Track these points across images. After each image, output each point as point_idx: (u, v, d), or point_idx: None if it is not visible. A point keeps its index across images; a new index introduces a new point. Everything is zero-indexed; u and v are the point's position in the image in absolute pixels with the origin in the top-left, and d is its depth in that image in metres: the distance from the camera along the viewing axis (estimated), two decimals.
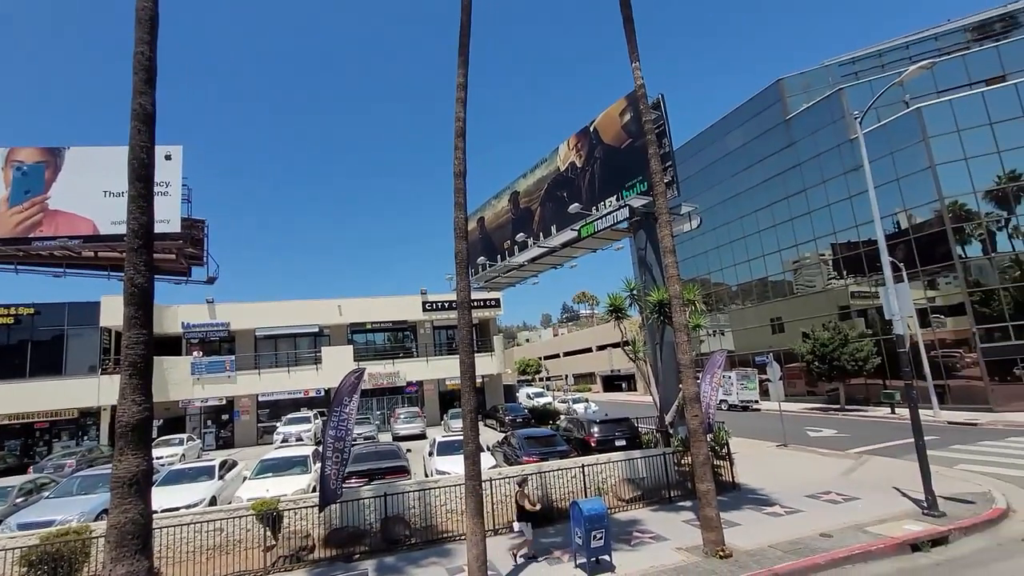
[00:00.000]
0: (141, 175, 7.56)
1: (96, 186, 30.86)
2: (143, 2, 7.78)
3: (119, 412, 7.08)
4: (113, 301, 26.97)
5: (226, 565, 9.73)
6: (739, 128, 42.77)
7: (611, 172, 21.00)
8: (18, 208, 30.45)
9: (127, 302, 7.24)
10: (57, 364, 27.21)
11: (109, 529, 6.68)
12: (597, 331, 75.14)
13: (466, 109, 9.77)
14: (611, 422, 17.04)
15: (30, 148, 31.50)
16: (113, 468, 6.90)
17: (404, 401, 34.02)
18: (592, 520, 8.55)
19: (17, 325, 27.07)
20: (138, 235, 7.38)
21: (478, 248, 32.77)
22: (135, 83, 7.67)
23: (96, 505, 11.60)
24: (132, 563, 6.58)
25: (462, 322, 9.08)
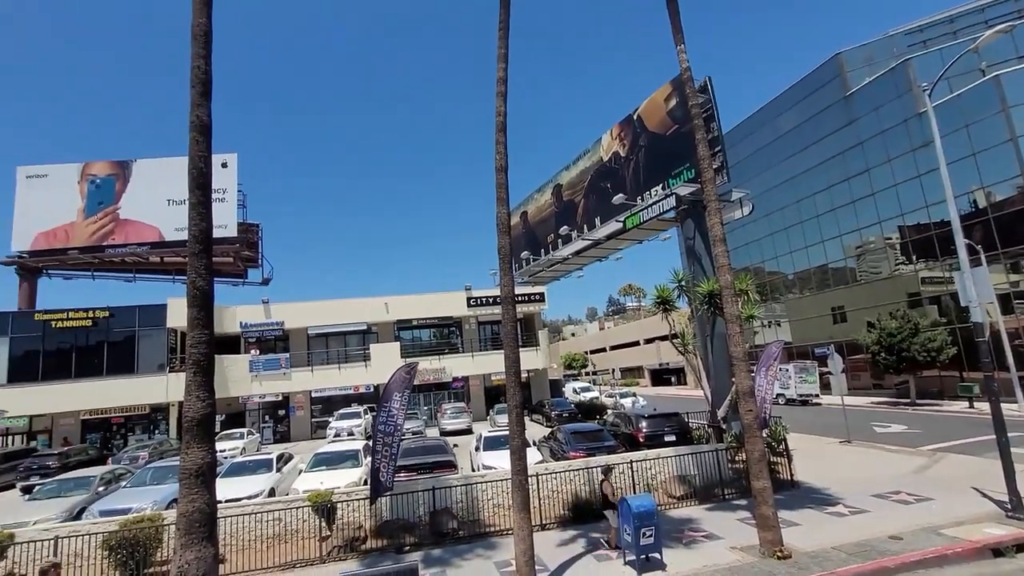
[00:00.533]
0: (200, 183, 7.94)
1: (161, 195, 33.11)
2: (198, 19, 8.15)
3: (185, 408, 7.50)
4: (178, 303, 28.81)
5: (285, 553, 10.18)
6: (793, 108, 40.57)
7: (656, 160, 20.42)
8: (93, 219, 33.09)
9: (190, 304, 7.65)
10: (130, 363, 29.32)
11: (179, 517, 7.10)
12: (644, 324, 73.63)
13: (507, 103, 9.70)
14: (660, 417, 16.62)
15: (102, 162, 34.10)
16: (181, 460, 7.33)
17: (450, 396, 34.55)
18: (641, 517, 8.36)
19: (94, 327, 29.35)
20: (198, 240, 7.76)
21: (521, 243, 32.78)
22: (192, 96, 8.05)
23: (167, 494, 12.40)
24: (200, 549, 6.97)
25: (506, 317, 9.06)
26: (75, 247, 32.39)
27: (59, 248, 32.39)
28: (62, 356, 28.81)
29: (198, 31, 8.13)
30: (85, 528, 10.41)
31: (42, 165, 33.41)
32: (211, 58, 8.23)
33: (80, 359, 28.87)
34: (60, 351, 28.87)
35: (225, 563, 9.58)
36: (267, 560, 9.98)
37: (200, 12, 8.18)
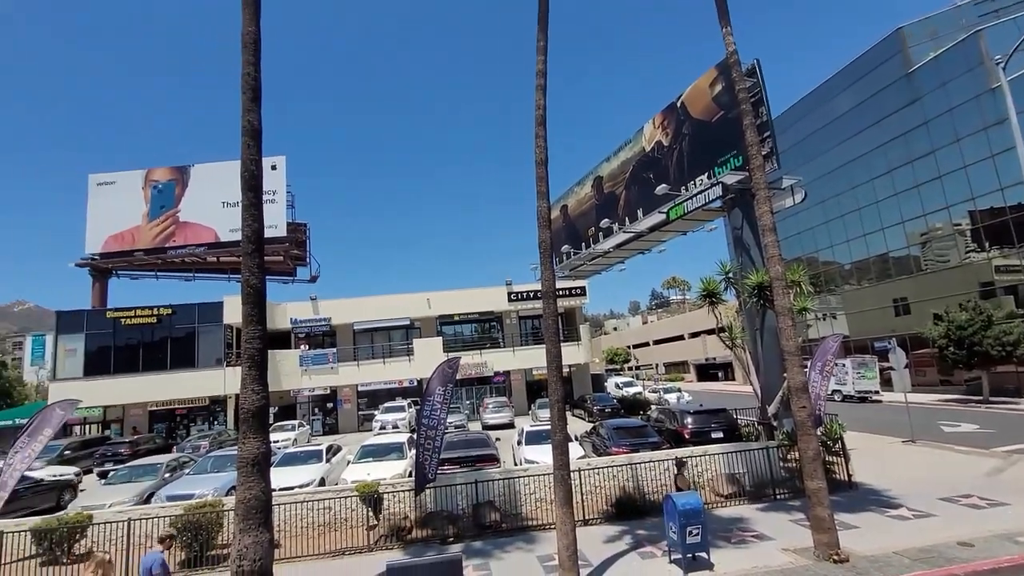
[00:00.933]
0: (252, 185, 8.28)
1: (216, 198, 34.82)
2: (247, 28, 8.46)
3: (241, 400, 7.87)
4: (234, 301, 30.28)
5: (335, 541, 10.55)
6: (849, 88, 38.30)
7: (701, 148, 19.77)
8: (156, 222, 35.21)
9: (244, 301, 8.01)
10: (191, 357, 31.12)
11: (237, 504, 7.47)
12: (689, 317, 71.80)
13: (546, 96, 9.61)
14: (707, 413, 16.15)
15: (163, 168, 36.15)
16: (238, 450, 7.70)
17: (492, 391, 34.80)
18: (687, 515, 8.15)
19: (158, 324, 31.30)
20: (251, 240, 8.10)
21: (562, 236, 32.52)
22: (243, 102, 8.38)
23: (226, 482, 13.09)
24: (256, 534, 7.32)
25: (547, 311, 9.01)
26: (140, 249, 34.59)
27: (126, 250, 34.66)
28: (131, 351, 30.89)
29: (248, 39, 8.44)
30: (154, 511, 11.15)
31: (110, 173, 35.77)
32: (260, 65, 8.54)
33: (146, 354, 30.88)
34: (129, 346, 30.95)
35: (280, 548, 10.02)
36: (318, 547, 10.37)
37: (249, 21, 8.49)
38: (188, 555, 10.11)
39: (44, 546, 10.53)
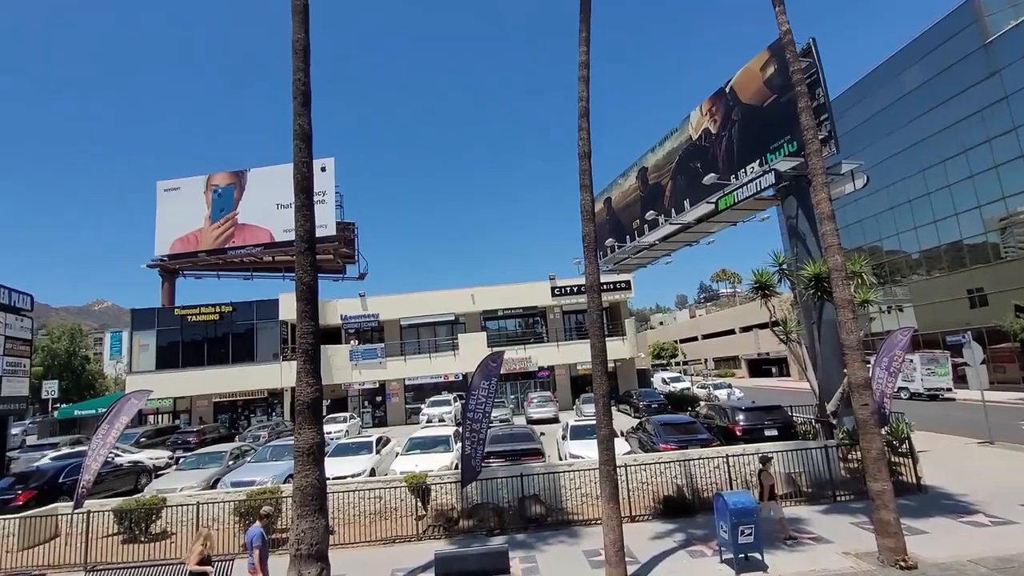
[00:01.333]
0: (303, 187, 8.63)
1: (271, 200, 36.45)
2: (297, 35, 8.80)
3: (296, 392, 8.24)
4: (288, 298, 31.65)
5: (385, 529, 10.89)
6: (918, 64, 35.66)
7: (752, 134, 18.98)
8: (217, 224, 37.27)
9: (298, 298, 8.38)
10: (250, 352, 32.81)
11: (294, 491, 7.84)
12: (740, 311, 69.22)
13: (589, 88, 9.47)
14: (760, 410, 15.56)
15: (223, 173, 38.19)
16: (295, 440, 8.07)
17: (536, 386, 34.84)
18: (739, 514, 7.89)
19: (220, 321, 33.16)
20: (304, 240, 8.46)
21: (606, 230, 32.08)
22: (294, 106, 8.73)
23: (284, 470, 13.73)
24: (313, 520, 7.67)
25: (592, 305, 8.91)
26: (203, 250, 36.74)
27: (191, 251, 36.91)
28: (196, 346, 32.88)
29: (297, 46, 8.78)
30: (220, 496, 11.87)
31: (175, 179, 38.11)
32: (310, 71, 8.86)
33: (210, 349, 32.79)
34: (194, 342, 32.95)
35: (334, 535, 10.42)
36: (370, 534, 10.73)
37: (298, 29, 8.82)
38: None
39: (125, 525, 11.41)
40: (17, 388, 17.19)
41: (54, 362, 63.23)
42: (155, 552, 10.78)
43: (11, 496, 13.35)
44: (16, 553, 11.15)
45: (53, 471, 14.75)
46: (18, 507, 12.85)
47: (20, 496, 13.35)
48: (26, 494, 13.43)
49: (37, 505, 12.91)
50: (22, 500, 13.22)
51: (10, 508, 12.79)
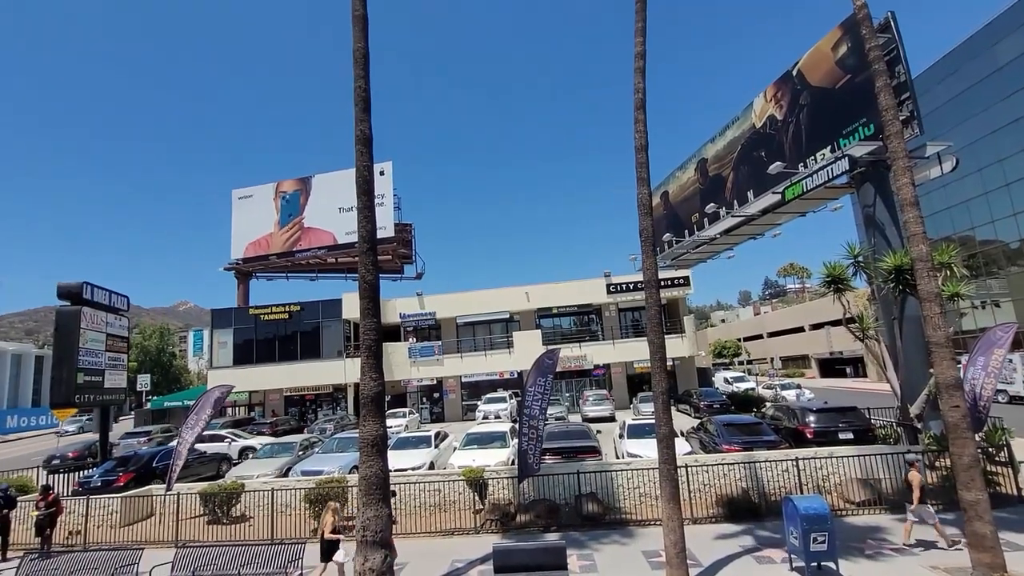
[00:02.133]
0: (365, 189, 8.99)
1: (334, 204, 38.20)
2: (357, 44, 9.17)
3: (361, 387, 8.60)
4: (351, 297, 33.08)
5: (444, 521, 11.15)
6: (1015, 33, 32.20)
7: (823, 119, 17.87)
8: (285, 228, 39.53)
9: (361, 296, 8.74)
10: (316, 349, 34.55)
11: (360, 480, 8.19)
12: (810, 307, 65.30)
13: (645, 79, 9.25)
14: (833, 411, 14.61)
15: (290, 180, 40.41)
16: (359, 432, 8.43)
17: (592, 384, 34.45)
18: (810, 520, 7.47)
19: (289, 319, 35.14)
20: (366, 240, 8.82)
21: (663, 225, 31.21)
22: (356, 112, 9.10)
23: (349, 461, 14.37)
24: (377, 509, 7.98)
25: (650, 302, 8.71)
26: (273, 253, 39.10)
27: (262, 255, 39.38)
28: (268, 343, 35.02)
29: (358, 55, 9.14)
30: (292, 484, 12.60)
31: (248, 187, 40.74)
32: (370, 78, 9.21)
33: (281, 346, 34.84)
34: (267, 339, 35.10)
35: (396, 524, 10.78)
36: (430, 525, 11.04)
37: (358, 38, 9.19)
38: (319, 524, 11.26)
39: (209, 507, 12.36)
40: (117, 381, 18.99)
41: (146, 358, 69.47)
42: (235, 533, 11.60)
43: (114, 477, 14.81)
44: (118, 528, 12.36)
45: (148, 456, 16.21)
46: (119, 487, 14.24)
47: (121, 478, 14.78)
48: (126, 476, 14.87)
49: (135, 486, 14.25)
50: (123, 481, 14.63)
51: (113, 488, 14.20)
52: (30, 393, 72.72)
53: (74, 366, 16.70)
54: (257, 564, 8.42)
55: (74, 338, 16.90)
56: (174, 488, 12.53)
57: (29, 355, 74.82)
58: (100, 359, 17.92)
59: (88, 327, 17.43)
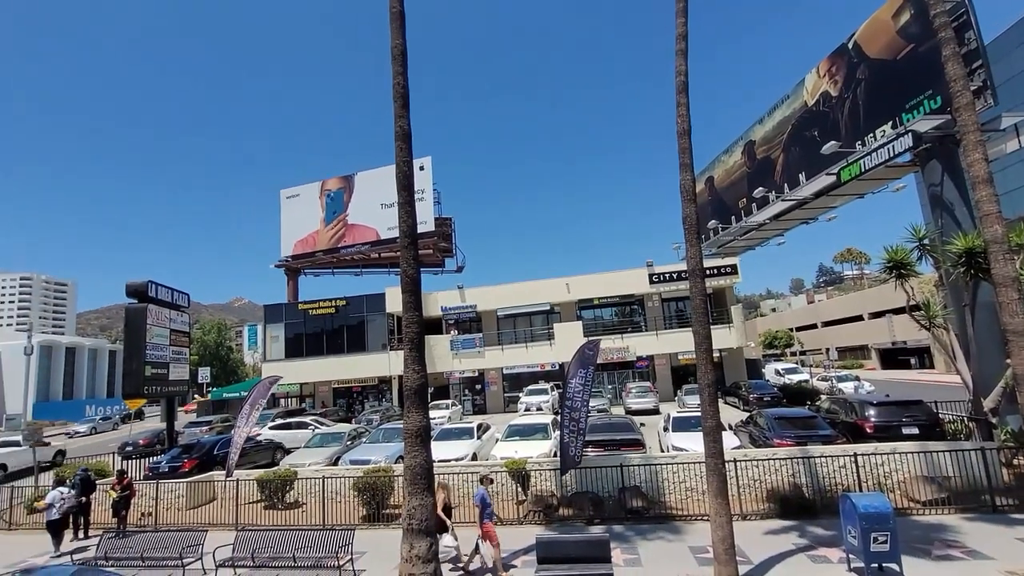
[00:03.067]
0: (404, 185, 9.11)
1: (376, 200, 39.06)
2: (395, 40, 9.25)
3: (404, 378, 8.76)
4: (393, 292, 33.77)
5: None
6: None
7: (883, 93, 16.76)
8: (330, 226, 40.77)
9: (404, 290, 8.88)
10: (361, 342, 35.59)
11: (405, 469, 8.37)
12: (869, 295, 61.85)
13: (687, 61, 8.90)
14: (895, 404, 13.78)
15: (334, 178, 41.59)
16: (404, 423, 8.61)
17: (634, 376, 33.91)
18: (871, 519, 7.07)
19: (336, 314, 36.31)
20: (407, 235, 8.94)
21: (708, 211, 30.20)
22: (395, 109, 9.21)
23: (394, 451, 14.74)
24: (422, 498, 8.14)
25: (694, 291, 8.44)
26: (320, 250, 40.45)
27: (309, 252, 40.82)
28: (316, 337, 36.34)
29: (396, 51, 9.22)
30: (341, 472, 13.05)
31: (295, 187, 42.22)
32: (407, 74, 9.28)
33: (328, 339, 36.08)
34: (315, 333, 36.43)
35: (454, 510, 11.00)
36: (473, 516, 11.11)
37: (396, 34, 9.27)
38: (368, 511, 11.64)
39: (265, 493, 12.98)
40: (180, 373, 20.18)
41: (206, 352, 73.58)
42: (289, 518, 12.13)
43: (179, 464, 15.79)
44: (185, 511, 13.18)
45: (210, 444, 17.17)
46: (184, 473, 15.17)
47: (186, 464, 15.75)
48: (190, 462, 15.82)
49: (198, 472, 15.14)
50: (187, 467, 15.59)
51: (179, 474, 15.15)
52: (105, 384, 78.59)
53: (142, 359, 17.85)
54: (310, 548, 8.78)
55: (142, 333, 18.04)
56: (233, 475, 13.23)
57: (104, 350, 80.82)
58: (165, 353, 19.08)
59: (154, 323, 18.56)
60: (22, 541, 12.29)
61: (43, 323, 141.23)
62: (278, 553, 8.85)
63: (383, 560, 9.11)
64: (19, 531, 13.27)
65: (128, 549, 9.44)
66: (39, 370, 64.08)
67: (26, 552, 11.25)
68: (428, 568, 7.68)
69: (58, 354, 71.25)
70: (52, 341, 73.50)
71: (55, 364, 70.59)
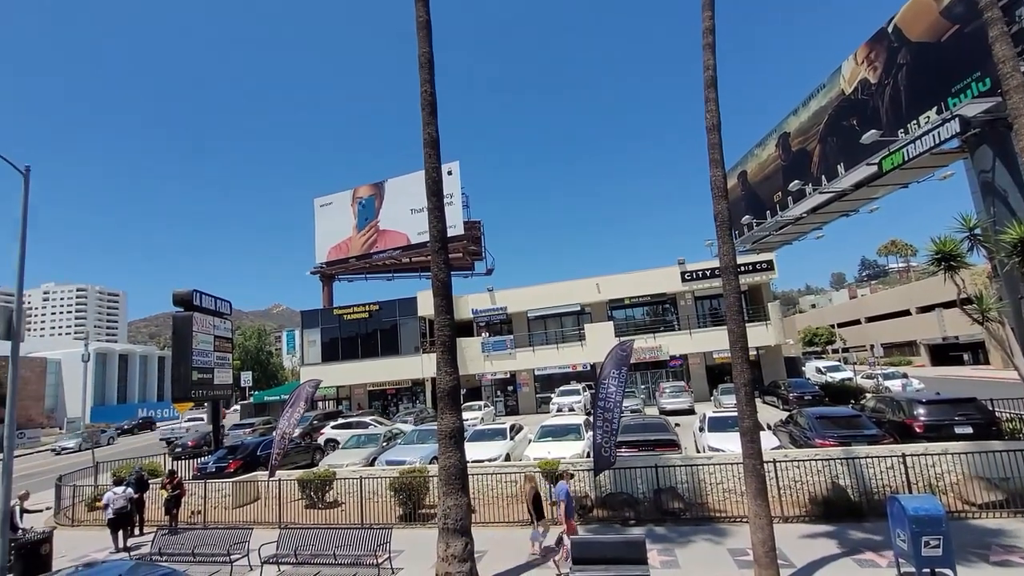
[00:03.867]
0: (434, 190, 9.27)
1: (406, 206, 39.75)
2: (422, 49, 9.44)
3: (437, 381, 8.91)
4: (425, 296, 34.25)
5: (521, 512, 11.26)
6: None
7: (926, 78, 16.07)
8: (362, 232, 41.69)
9: (435, 293, 9.04)
10: (395, 345, 36.22)
11: (439, 470, 8.51)
12: (917, 288, 59.07)
13: (715, 55, 8.77)
14: (947, 403, 13.12)
15: (365, 185, 42.53)
16: (438, 424, 8.75)
17: (668, 375, 33.35)
18: (921, 522, 6.77)
19: (369, 318, 37.08)
20: (437, 239, 9.09)
21: (741, 207, 29.52)
22: (423, 116, 9.40)
23: (429, 452, 14.95)
24: (456, 498, 8.25)
25: (728, 288, 8.29)
26: (353, 256, 41.41)
27: (343, 258, 41.83)
28: (351, 341, 37.17)
29: (423, 60, 9.40)
30: (378, 473, 13.33)
31: (328, 195, 43.35)
32: (435, 82, 9.44)
33: (362, 343, 36.86)
34: (350, 337, 37.27)
35: (475, 514, 11.09)
36: (506, 515, 11.23)
37: (423, 43, 9.44)
38: (404, 511, 11.85)
39: (306, 493, 13.38)
40: (224, 378, 21.00)
41: (247, 357, 76.18)
42: (329, 517, 12.47)
43: (225, 464, 16.43)
44: (231, 510, 13.71)
45: (253, 445, 17.80)
46: (230, 473, 15.78)
47: (232, 464, 16.37)
48: (235, 463, 16.44)
49: (243, 473, 15.71)
50: (233, 468, 16.20)
51: (225, 474, 15.76)
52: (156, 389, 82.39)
53: (190, 365, 18.65)
54: (349, 546, 9.00)
55: (188, 340, 18.86)
56: (276, 475, 13.69)
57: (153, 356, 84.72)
58: (210, 358, 19.88)
59: (199, 330, 19.38)
60: (84, 537, 13.03)
61: (97, 332, 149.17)
62: (319, 551, 9.12)
63: (420, 559, 9.27)
64: (81, 527, 14.07)
65: (180, 545, 9.89)
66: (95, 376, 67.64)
67: (88, 547, 11.93)
68: (464, 567, 7.77)
69: (112, 361, 75.12)
70: (106, 349, 77.55)
71: (109, 370, 74.43)
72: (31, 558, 9.77)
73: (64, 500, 15.21)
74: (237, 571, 9.35)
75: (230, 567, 9.34)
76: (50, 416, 62.25)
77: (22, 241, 11.11)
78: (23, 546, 9.81)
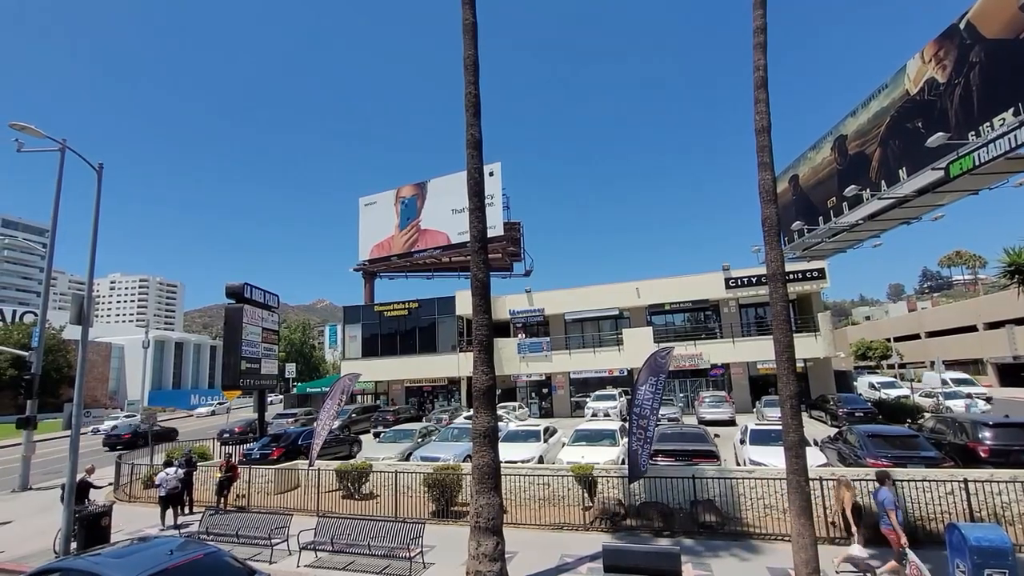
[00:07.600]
0: (476, 191, 9.36)
1: (447, 206, 40.33)
2: (468, 51, 9.56)
3: (473, 380, 8.97)
4: (463, 295, 34.60)
5: (553, 515, 11.23)
6: None
7: (1002, 77, 15.04)
8: (404, 231, 42.58)
9: (473, 293, 9.12)
10: (432, 343, 36.73)
11: (473, 469, 8.56)
12: (984, 302, 55.19)
13: (766, 55, 8.47)
14: (1016, 426, 12.18)
15: (408, 185, 43.43)
16: (472, 423, 8.81)
17: (708, 384, 32.39)
18: (984, 553, 6.31)
19: (408, 316, 37.77)
20: (477, 240, 9.17)
21: (792, 212, 28.42)
22: (467, 117, 9.51)
23: (462, 451, 15.08)
24: (489, 497, 8.28)
25: (775, 297, 7.98)
26: (394, 254, 42.33)
27: (385, 256, 42.83)
28: (391, 337, 37.97)
29: (468, 62, 9.51)
30: (412, 468, 13.54)
31: (372, 195, 44.51)
32: (479, 84, 9.53)
33: (401, 340, 37.59)
34: (389, 334, 38.08)
35: (507, 514, 11.10)
36: (538, 518, 11.18)
37: (468, 46, 9.56)
38: (437, 507, 11.99)
39: (343, 483, 13.75)
40: (270, 368, 21.89)
41: (292, 349, 79.13)
42: (365, 508, 12.77)
43: (269, 451, 17.11)
44: (273, 495, 14.26)
45: (295, 434, 18.46)
46: (273, 460, 16.41)
47: (275, 452, 17.03)
48: (278, 451, 17.10)
49: (285, 460, 16.31)
50: (276, 455, 16.85)
51: (268, 461, 16.41)
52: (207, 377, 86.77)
53: (239, 355, 19.54)
54: (383, 538, 9.20)
55: (238, 331, 19.77)
56: (315, 464, 14.14)
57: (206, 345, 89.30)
58: (257, 349, 20.77)
59: (248, 322, 20.27)
60: (140, 512, 13.85)
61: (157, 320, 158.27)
62: (354, 540, 9.36)
63: (451, 555, 9.35)
64: (137, 503, 14.96)
65: (225, 526, 10.37)
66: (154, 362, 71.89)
67: (142, 523, 12.68)
68: (495, 567, 7.79)
69: (169, 348, 79.69)
70: (164, 336, 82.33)
71: (166, 357, 78.99)
72: (93, 529, 10.47)
73: (123, 477, 16.22)
74: (277, 554, 9.71)
75: (271, 550, 9.71)
76: (112, 398, 66.61)
77: (93, 233, 11.92)
78: (86, 517, 10.53)
